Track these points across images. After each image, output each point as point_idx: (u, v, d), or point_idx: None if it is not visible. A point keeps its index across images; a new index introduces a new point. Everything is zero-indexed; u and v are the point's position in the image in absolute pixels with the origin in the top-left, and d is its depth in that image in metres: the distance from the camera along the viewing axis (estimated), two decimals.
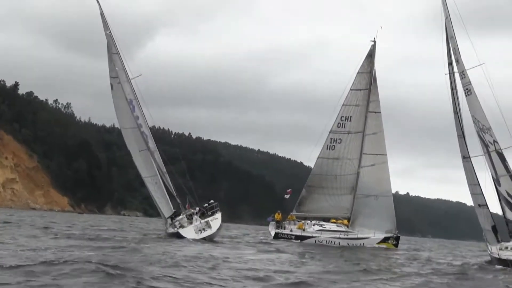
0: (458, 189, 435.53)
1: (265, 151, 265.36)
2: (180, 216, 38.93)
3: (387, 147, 49.06)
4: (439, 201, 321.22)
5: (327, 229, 47.95)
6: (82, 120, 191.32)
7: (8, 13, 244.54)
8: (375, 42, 49.74)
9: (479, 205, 32.25)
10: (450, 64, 32.84)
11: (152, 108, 42.99)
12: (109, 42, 39.81)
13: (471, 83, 32.01)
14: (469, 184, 32.56)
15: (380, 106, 49.24)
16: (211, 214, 38.72)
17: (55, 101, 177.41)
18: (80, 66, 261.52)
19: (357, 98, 49.62)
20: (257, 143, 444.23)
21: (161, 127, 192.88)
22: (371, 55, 49.77)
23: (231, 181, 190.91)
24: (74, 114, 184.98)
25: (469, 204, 35.76)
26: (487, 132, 31.34)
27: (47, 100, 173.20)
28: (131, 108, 40.17)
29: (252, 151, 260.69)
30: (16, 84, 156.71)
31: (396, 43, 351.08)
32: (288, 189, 51.94)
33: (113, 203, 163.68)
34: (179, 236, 36.91)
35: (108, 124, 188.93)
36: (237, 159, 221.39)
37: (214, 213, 38.86)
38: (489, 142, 31.39)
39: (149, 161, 40.37)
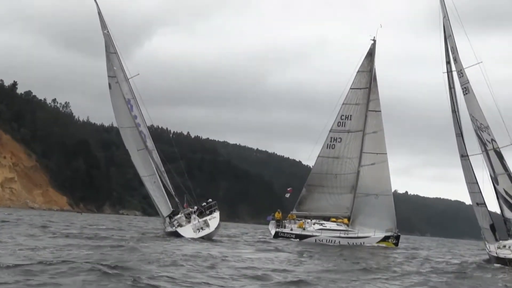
0: (457, 188, 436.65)
1: (264, 150, 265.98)
2: (179, 215, 38.96)
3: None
4: (438, 200, 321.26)
5: (327, 228, 47.95)
6: (81, 119, 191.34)
7: (7, 12, 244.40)
8: (375, 40, 49.73)
9: (477, 204, 32.33)
10: (448, 63, 32.91)
11: (150, 107, 43.06)
12: (106, 42, 39.85)
13: (469, 82, 32.08)
14: (467, 183, 32.66)
15: (380, 105, 49.27)
16: (209, 213, 38.76)
17: (54, 100, 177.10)
18: (79, 65, 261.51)
19: (357, 97, 49.59)
20: (255, 142, 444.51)
21: (159, 126, 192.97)
22: (371, 54, 49.72)
23: (229, 180, 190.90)
24: (72, 113, 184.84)
25: (468, 203, 35.77)
26: (485, 131, 31.38)
27: (45, 99, 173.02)
28: (129, 107, 40.23)
29: (251, 150, 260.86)
30: (15, 84, 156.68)
31: (396, 41, 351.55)
32: (289, 188, 51.92)
33: (112, 202, 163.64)
34: (177, 235, 36.95)
35: (106, 124, 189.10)
36: (236, 158, 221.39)
37: (212, 212, 38.88)
38: (487, 140, 31.43)
39: (147, 160, 40.39)
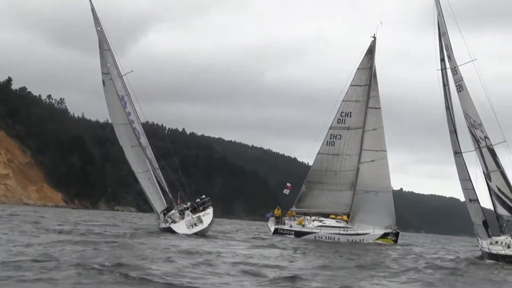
0: (451, 185, 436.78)
1: (259, 146, 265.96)
2: (172, 211, 39.00)
3: None
4: (432, 196, 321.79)
5: (326, 225, 48.00)
6: (76, 115, 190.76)
7: (2, 9, 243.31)
8: (375, 38, 49.64)
9: (470, 200, 32.48)
10: (442, 60, 33.01)
11: (145, 103, 43.15)
12: (100, 39, 39.83)
13: (463, 79, 32.20)
14: (460, 180, 32.81)
15: (380, 102, 49.29)
16: (202, 209, 38.78)
17: (49, 96, 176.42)
18: (74, 61, 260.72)
19: (357, 94, 49.59)
20: (251, 138, 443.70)
21: (154, 123, 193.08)
22: (371, 51, 49.68)
23: (225, 176, 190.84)
24: (67, 109, 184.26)
25: (462, 200, 35.93)
26: (478, 128, 31.51)
27: (40, 95, 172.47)
28: (123, 104, 40.22)
29: (246, 146, 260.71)
30: (9, 80, 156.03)
31: (396, 39, 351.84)
32: (288, 184, 51.86)
33: (107, 199, 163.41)
34: (171, 231, 36.99)
35: (101, 120, 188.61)
36: (231, 155, 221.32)
37: (206, 208, 38.91)
38: (480, 137, 31.56)
39: (142, 157, 40.42)
